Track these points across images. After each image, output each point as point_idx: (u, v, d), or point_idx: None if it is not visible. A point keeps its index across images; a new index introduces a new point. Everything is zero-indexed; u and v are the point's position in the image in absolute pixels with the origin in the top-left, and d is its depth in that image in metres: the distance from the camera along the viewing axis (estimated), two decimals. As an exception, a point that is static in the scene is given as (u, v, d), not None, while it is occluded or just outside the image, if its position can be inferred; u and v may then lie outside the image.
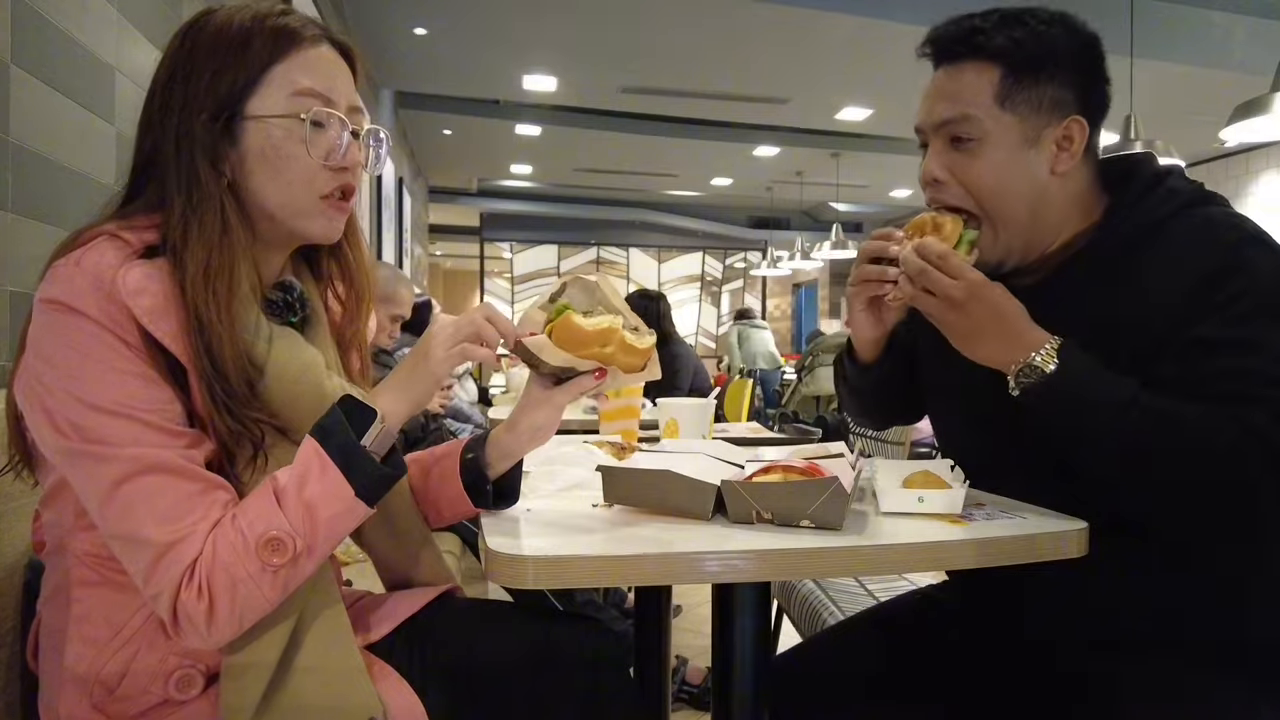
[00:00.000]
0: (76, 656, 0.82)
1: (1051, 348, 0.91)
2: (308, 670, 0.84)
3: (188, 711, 0.84)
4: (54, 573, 0.87)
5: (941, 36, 1.02)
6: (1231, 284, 0.89)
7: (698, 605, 3.07)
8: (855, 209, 11.77)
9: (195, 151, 0.82)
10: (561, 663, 0.95)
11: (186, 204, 0.81)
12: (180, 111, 0.83)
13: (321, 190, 0.88)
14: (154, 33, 2.20)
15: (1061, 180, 1.00)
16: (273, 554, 0.76)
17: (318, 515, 0.78)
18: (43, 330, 0.77)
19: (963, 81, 0.99)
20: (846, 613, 1.53)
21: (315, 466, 0.78)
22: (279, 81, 0.84)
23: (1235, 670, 0.93)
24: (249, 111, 0.84)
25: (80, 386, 0.75)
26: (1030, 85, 0.97)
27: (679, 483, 0.86)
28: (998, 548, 0.81)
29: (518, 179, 10.99)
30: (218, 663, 0.83)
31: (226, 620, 0.76)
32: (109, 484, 0.75)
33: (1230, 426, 0.84)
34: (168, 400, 0.78)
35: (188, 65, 0.84)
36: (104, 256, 0.77)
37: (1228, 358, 0.87)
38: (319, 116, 0.86)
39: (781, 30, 5.37)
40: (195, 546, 0.75)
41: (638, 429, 1.48)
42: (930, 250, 0.95)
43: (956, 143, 1.00)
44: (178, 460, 0.76)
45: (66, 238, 0.82)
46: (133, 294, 0.76)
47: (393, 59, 5.90)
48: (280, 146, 0.85)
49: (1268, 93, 3.19)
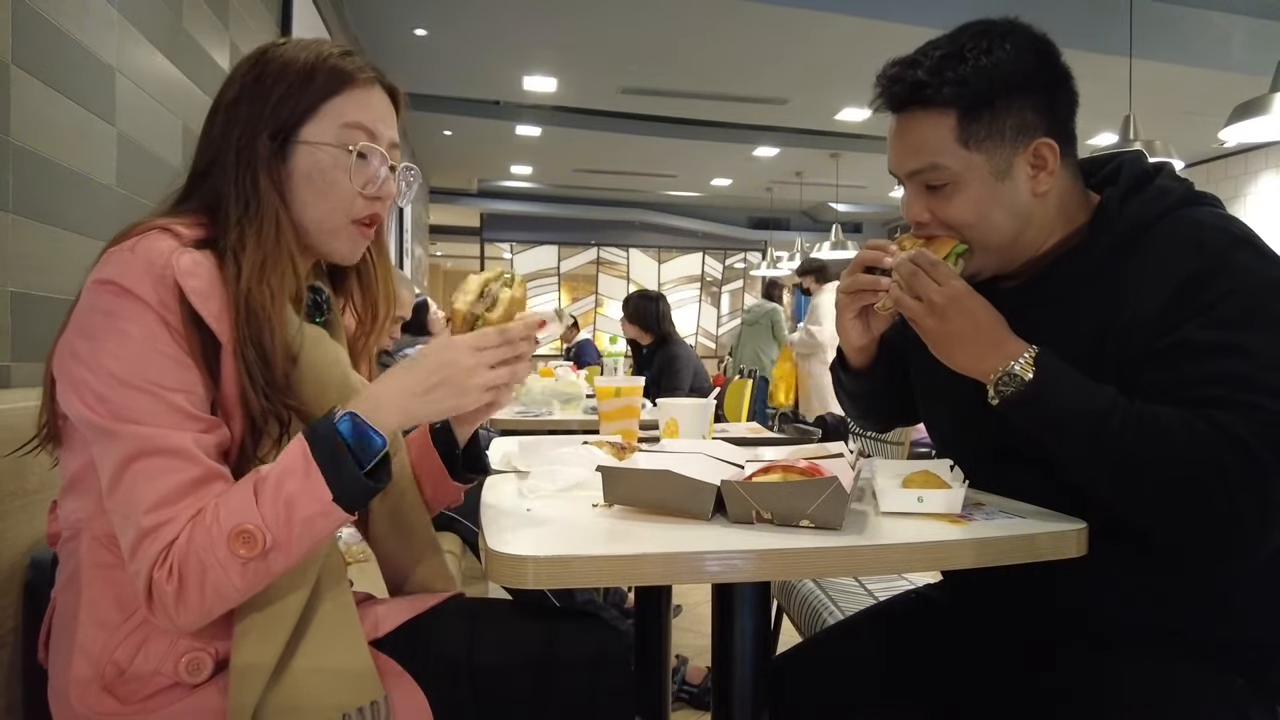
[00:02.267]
0: (89, 638, 0.84)
1: (1029, 357, 0.91)
2: (315, 663, 0.86)
3: (197, 696, 0.85)
4: (68, 560, 0.89)
5: (887, 92, 1.02)
6: (1217, 287, 0.88)
7: (698, 605, 3.07)
8: (855, 209, 11.77)
9: (256, 164, 0.90)
10: (564, 660, 0.96)
11: (245, 210, 0.89)
12: (244, 127, 0.91)
13: (354, 215, 0.96)
14: (154, 33, 2.20)
15: (1043, 199, 1.00)
16: (241, 545, 0.78)
17: (294, 514, 0.79)
18: (88, 308, 0.82)
19: (922, 133, 0.99)
20: (846, 612, 1.53)
21: (299, 466, 0.80)
22: (333, 114, 0.93)
23: (1225, 670, 0.93)
24: (303, 137, 0.93)
25: (114, 361, 0.79)
26: (988, 120, 0.97)
27: (679, 483, 0.86)
28: (997, 548, 0.81)
29: (518, 179, 11.00)
30: (227, 647, 0.85)
31: (194, 604, 0.78)
32: (120, 459, 0.79)
33: (1209, 432, 0.83)
34: (194, 383, 0.83)
35: (255, 89, 0.92)
36: (158, 244, 0.83)
37: (1211, 362, 0.86)
38: (365, 150, 0.95)
39: (781, 30, 5.37)
40: (175, 530, 0.78)
41: (638, 429, 1.48)
42: (923, 258, 0.98)
43: (931, 189, 1.01)
44: (188, 445, 0.80)
45: (121, 230, 0.88)
46: (184, 275, 0.82)
47: (393, 60, 5.90)
48: (326, 172, 0.93)
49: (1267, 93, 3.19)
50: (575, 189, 11.44)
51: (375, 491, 0.85)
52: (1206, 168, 8.19)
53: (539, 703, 0.94)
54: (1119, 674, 0.94)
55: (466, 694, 0.92)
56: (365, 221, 0.97)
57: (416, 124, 7.82)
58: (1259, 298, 0.88)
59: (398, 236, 6.85)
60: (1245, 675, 0.94)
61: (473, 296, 0.98)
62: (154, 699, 0.85)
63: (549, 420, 2.55)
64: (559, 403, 2.70)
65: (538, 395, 2.74)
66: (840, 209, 11.24)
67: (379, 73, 0.99)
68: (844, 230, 8.94)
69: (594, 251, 13.35)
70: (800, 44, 5.63)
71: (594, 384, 1.60)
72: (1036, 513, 0.91)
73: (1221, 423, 0.83)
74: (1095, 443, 0.87)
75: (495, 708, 0.93)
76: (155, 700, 0.85)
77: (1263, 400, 0.83)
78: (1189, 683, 0.92)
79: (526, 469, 1.11)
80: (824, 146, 8.64)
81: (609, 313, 12.83)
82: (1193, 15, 5.36)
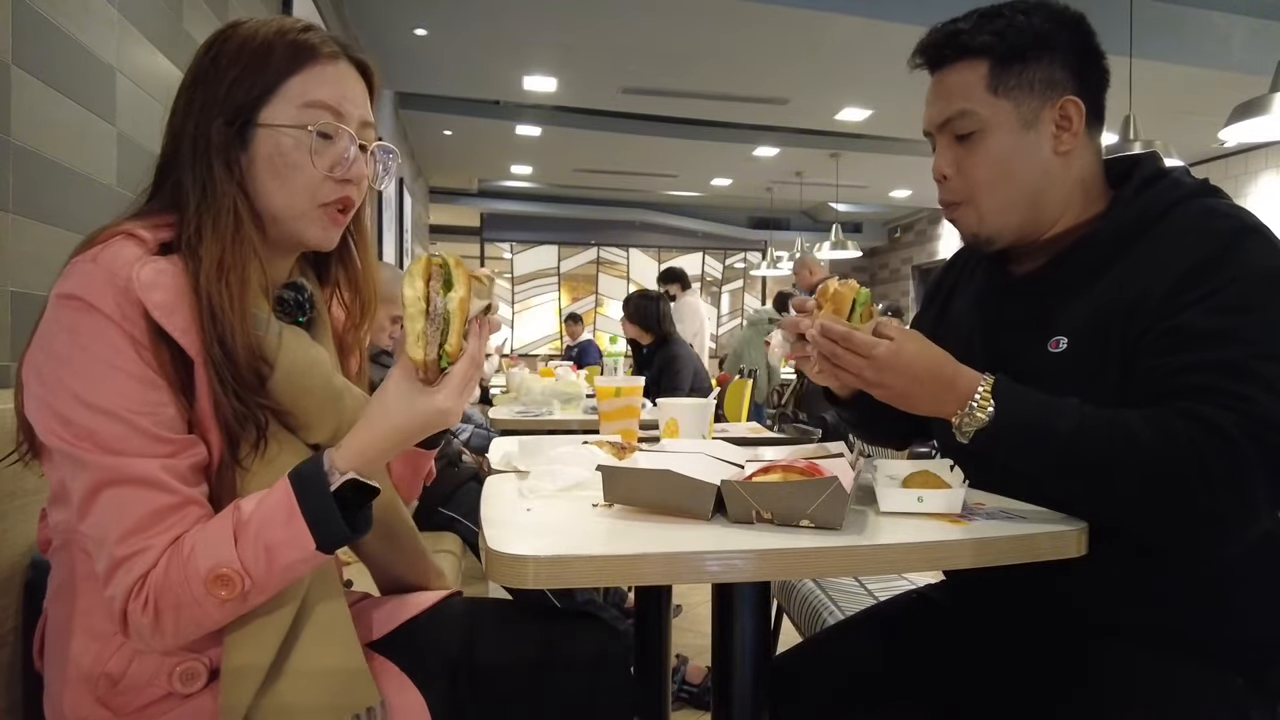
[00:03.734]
0: (81, 650, 0.83)
1: (985, 391, 0.90)
2: (309, 666, 0.85)
3: (191, 706, 0.84)
4: (60, 569, 0.87)
5: (927, 45, 1.07)
6: (1221, 274, 0.88)
7: (698, 605, 3.07)
8: (855, 209, 11.77)
9: (211, 153, 0.85)
10: (563, 661, 0.95)
11: (201, 202, 0.84)
12: (199, 114, 0.86)
13: (323, 199, 0.90)
14: (154, 33, 2.20)
15: (1065, 161, 1.02)
16: (220, 588, 0.76)
17: (275, 561, 0.78)
18: (52, 324, 0.79)
19: (955, 80, 1.04)
20: (846, 612, 1.53)
21: (283, 513, 0.78)
22: (293, 93, 0.87)
23: (1224, 668, 0.93)
24: (262, 119, 0.87)
25: (78, 382, 0.76)
26: (1019, 70, 1.00)
27: (679, 483, 0.86)
28: (997, 548, 0.81)
29: (518, 179, 10.98)
30: (220, 655, 0.83)
31: (171, 634, 0.78)
32: (88, 487, 0.77)
33: (1189, 428, 0.82)
34: (161, 404, 0.79)
35: (210, 71, 0.87)
36: (120, 253, 0.79)
37: (1206, 350, 0.86)
38: (327, 129, 0.88)
39: (781, 30, 5.37)
40: (149, 560, 0.76)
41: (638, 429, 1.48)
42: (833, 333, 0.94)
43: (960, 139, 1.03)
44: (156, 472, 0.77)
45: (86, 236, 0.84)
46: (146, 289, 0.78)
47: (393, 60, 5.90)
48: (287, 155, 0.87)
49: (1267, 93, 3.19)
50: (575, 189, 11.43)
51: (358, 538, 0.83)
52: (1207, 168, 8.19)
53: (539, 703, 0.94)
54: (1119, 673, 0.94)
55: (466, 694, 0.92)
56: (337, 207, 0.91)
57: (416, 124, 7.81)
58: (1260, 288, 0.88)
59: (398, 236, 6.84)
60: (1245, 675, 0.94)
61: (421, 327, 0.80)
62: (148, 709, 0.84)
63: (549, 420, 2.55)
64: (559, 403, 2.70)
65: (538, 395, 2.74)
66: (840, 209, 11.24)
67: (346, 47, 0.93)
68: (844, 230, 8.93)
69: (594, 251, 13.33)
70: (800, 44, 5.63)
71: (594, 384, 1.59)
72: (1036, 513, 0.91)
73: (1205, 415, 0.82)
74: (1066, 460, 0.87)
75: (495, 708, 0.93)
76: (149, 711, 0.84)
77: (1253, 392, 0.83)
78: (1189, 682, 0.92)
79: (526, 469, 1.11)
80: (824, 146, 8.63)
81: (609, 313, 12.82)
82: (1193, 15, 5.35)
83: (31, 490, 1.04)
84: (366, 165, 0.92)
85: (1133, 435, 0.84)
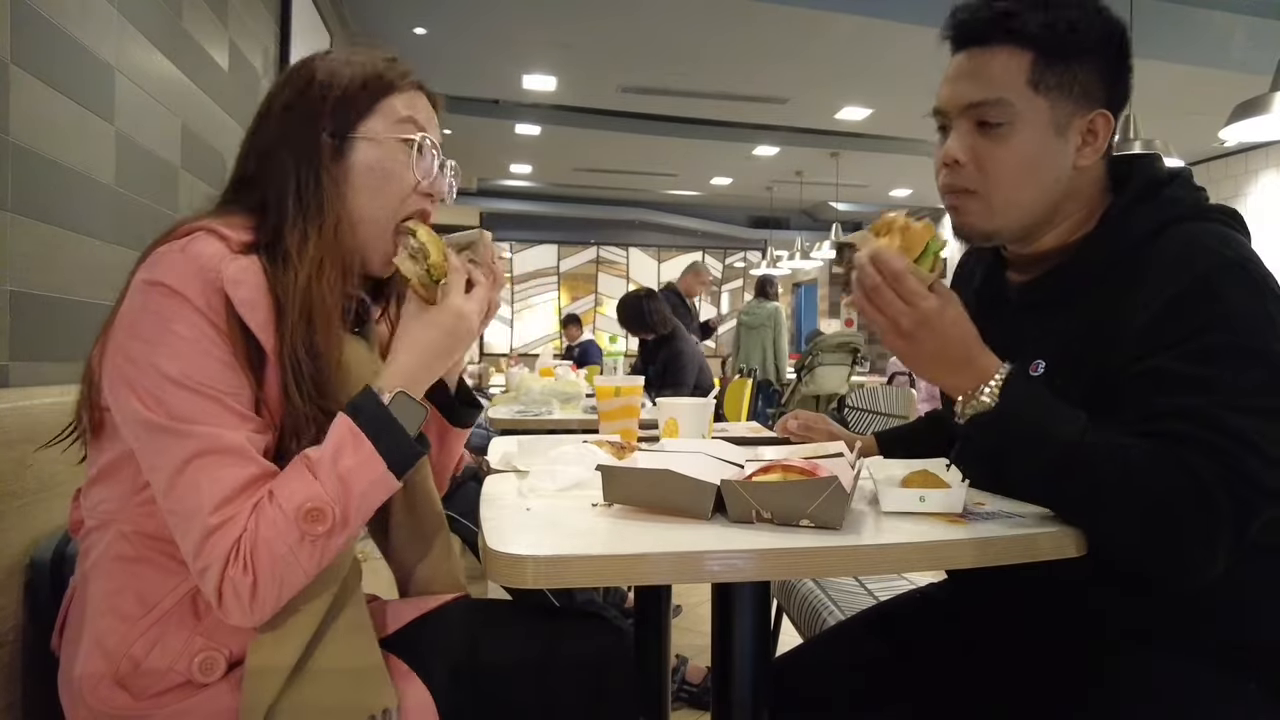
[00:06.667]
0: (107, 630, 0.85)
1: (997, 382, 0.88)
2: (331, 665, 0.86)
3: (206, 695, 0.85)
4: (93, 549, 0.89)
5: (970, 20, 0.98)
6: (1198, 315, 0.86)
7: (698, 605, 3.07)
8: (855, 209, 11.76)
9: (318, 162, 0.93)
10: (568, 661, 0.96)
11: (304, 209, 0.91)
12: (301, 129, 0.93)
13: (406, 211, 0.98)
14: (153, 33, 2.20)
15: (1078, 174, 0.99)
16: (314, 523, 0.80)
17: (351, 488, 0.82)
18: (140, 309, 0.83)
19: (994, 64, 0.96)
20: (847, 612, 1.53)
21: (349, 441, 0.83)
22: (388, 111, 0.97)
23: (1236, 673, 0.92)
24: (361, 133, 0.95)
25: (169, 363, 0.81)
26: (1061, 70, 0.95)
27: (679, 482, 0.86)
28: (997, 547, 0.81)
29: (517, 179, 10.99)
30: (242, 648, 0.85)
31: (267, 593, 0.80)
32: (181, 460, 0.80)
33: (1173, 475, 0.81)
34: (243, 386, 0.84)
35: (309, 90, 0.95)
36: (207, 247, 0.84)
37: (1181, 396, 0.84)
38: (421, 142, 0.97)
39: (781, 30, 5.37)
40: (241, 524, 0.79)
41: (637, 429, 1.48)
42: (886, 266, 0.89)
43: (984, 126, 0.98)
44: (244, 444, 0.82)
45: (167, 228, 0.89)
46: (233, 284, 0.83)
47: (392, 59, 5.90)
48: (386, 163, 0.96)
49: (1267, 93, 3.18)
50: (575, 188, 11.43)
51: (421, 455, 0.89)
52: (1207, 167, 8.19)
53: (543, 703, 0.94)
54: (1133, 676, 0.93)
55: (470, 694, 0.92)
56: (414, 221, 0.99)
57: (416, 123, 7.81)
58: (1237, 333, 0.85)
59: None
60: (1259, 680, 0.92)
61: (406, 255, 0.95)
62: (165, 695, 0.85)
63: (549, 420, 2.55)
64: (559, 402, 2.70)
65: (538, 395, 2.73)
66: (840, 208, 11.24)
67: (421, 79, 1.02)
68: (844, 229, 8.94)
69: (594, 250, 13.34)
70: (800, 43, 5.63)
71: (593, 383, 1.59)
72: (1037, 512, 0.91)
73: (1185, 462, 0.81)
74: (1060, 468, 0.85)
75: (499, 708, 0.93)
76: (166, 697, 0.85)
77: (1226, 443, 0.81)
78: (1203, 686, 0.91)
79: (526, 469, 1.11)
80: (824, 146, 8.63)
81: (609, 312, 12.83)
82: (1193, 15, 5.35)
83: (31, 490, 1.04)
84: (443, 181, 1.02)
85: (1130, 466, 0.82)
